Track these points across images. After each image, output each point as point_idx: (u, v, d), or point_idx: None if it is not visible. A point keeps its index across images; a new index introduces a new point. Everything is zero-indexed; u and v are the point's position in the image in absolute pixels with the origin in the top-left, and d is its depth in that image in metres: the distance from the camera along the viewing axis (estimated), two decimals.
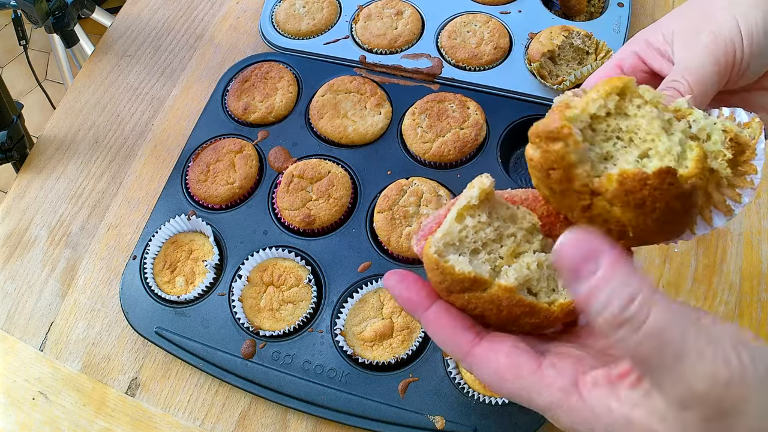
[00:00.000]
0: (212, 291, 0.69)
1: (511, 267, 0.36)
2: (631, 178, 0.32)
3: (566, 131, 0.32)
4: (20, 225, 0.80)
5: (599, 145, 0.34)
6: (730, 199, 0.38)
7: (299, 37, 0.88)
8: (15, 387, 0.69)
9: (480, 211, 0.36)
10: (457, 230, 0.36)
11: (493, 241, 0.36)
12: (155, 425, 0.65)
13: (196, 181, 0.76)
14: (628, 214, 0.33)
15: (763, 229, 0.71)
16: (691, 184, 0.33)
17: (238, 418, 0.65)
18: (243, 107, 0.81)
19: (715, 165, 0.37)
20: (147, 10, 0.97)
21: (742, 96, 0.47)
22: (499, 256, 0.36)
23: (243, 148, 0.77)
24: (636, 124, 0.34)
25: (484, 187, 0.36)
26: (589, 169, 0.33)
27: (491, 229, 0.36)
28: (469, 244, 0.36)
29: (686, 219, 0.36)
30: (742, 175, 0.38)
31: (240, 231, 0.72)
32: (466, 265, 0.34)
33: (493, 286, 0.34)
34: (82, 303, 0.73)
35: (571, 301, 0.35)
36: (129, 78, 0.91)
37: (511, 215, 0.37)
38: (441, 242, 0.35)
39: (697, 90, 0.41)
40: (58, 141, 0.86)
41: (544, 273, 0.36)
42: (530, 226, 0.37)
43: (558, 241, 0.30)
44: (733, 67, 0.42)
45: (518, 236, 0.37)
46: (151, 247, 0.72)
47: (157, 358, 0.69)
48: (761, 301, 0.67)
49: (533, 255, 0.37)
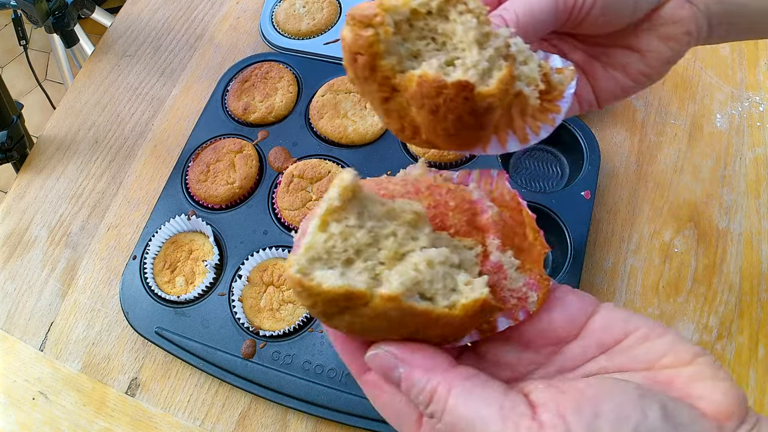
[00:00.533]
0: (212, 291, 0.69)
1: (393, 270, 0.30)
2: (429, 82, 0.31)
3: (379, 19, 0.31)
4: (20, 225, 0.80)
5: (412, 42, 0.33)
6: (529, 128, 0.37)
7: (299, 37, 0.88)
8: (15, 387, 0.69)
9: (347, 213, 0.31)
10: (321, 241, 0.30)
11: (368, 245, 0.31)
12: (155, 425, 0.65)
13: (196, 181, 0.76)
14: (422, 117, 0.33)
15: (763, 229, 0.71)
16: (487, 102, 0.32)
17: (238, 418, 0.65)
18: (243, 107, 0.81)
19: (527, 91, 0.36)
20: (147, 10, 0.97)
21: (604, 50, 0.44)
22: (379, 262, 0.31)
23: (243, 148, 0.77)
24: (452, 29, 0.33)
25: (345, 184, 0.30)
26: (394, 63, 0.32)
27: (364, 231, 0.31)
28: (340, 254, 0.30)
29: (480, 134, 0.35)
30: (545, 111, 0.37)
31: (240, 231, 0.72)
32: (334, 279, 0.29)
33: (374, 297, 0.29)
34: (82, 303, 0.73)
35: (476, 300, 0.30)
36: (129, 78, 0.91)
37: (388, 211, 0.32)
38: (304, 258, 0.30)
39: (524, 22, 0.39)
40: (58, 141, 0.86)
41: (438, 272, 0.31)
42: (413, 218, 0.32)
43: (365, 355, 0.31)
44: (574, 6, 0.39)
45: (399, 234, 0.31)
46: (151, 247, 0.72)
47: (157, 358, 0.69)
48: (761, 301, 0.67)
49: (421, 253, 0.31)
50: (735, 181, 0.74)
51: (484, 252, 0.33)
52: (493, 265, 0.33)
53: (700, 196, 0.73)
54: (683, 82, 0.81)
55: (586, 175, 0.70)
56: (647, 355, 0.31)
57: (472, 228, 0.34)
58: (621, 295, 0.68)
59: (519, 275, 0.33)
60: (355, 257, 0.30)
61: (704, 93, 0.81)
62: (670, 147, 0.77)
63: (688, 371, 0.30)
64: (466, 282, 0.31)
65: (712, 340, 0.65)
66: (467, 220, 0.34)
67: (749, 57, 0.83)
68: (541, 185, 0.74)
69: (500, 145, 0.36)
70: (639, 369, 0.31)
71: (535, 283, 0.33)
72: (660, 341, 0.31)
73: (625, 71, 0.44)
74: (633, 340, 0.32)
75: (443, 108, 0.32)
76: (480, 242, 0.34)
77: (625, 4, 0.40)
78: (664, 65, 0.44)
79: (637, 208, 0.73)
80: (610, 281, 0.69)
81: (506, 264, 0.33)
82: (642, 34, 0.42)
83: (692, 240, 0.71)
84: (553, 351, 0.33)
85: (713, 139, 0.77)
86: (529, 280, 0.33)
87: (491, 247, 0.33)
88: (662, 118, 0.79)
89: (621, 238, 0.71)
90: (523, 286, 0.33)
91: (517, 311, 0.33)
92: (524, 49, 0.36)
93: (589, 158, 0.71)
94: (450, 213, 0.34)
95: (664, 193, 0.74)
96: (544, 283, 0.33)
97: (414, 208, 0.32)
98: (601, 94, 0.46)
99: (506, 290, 0.33)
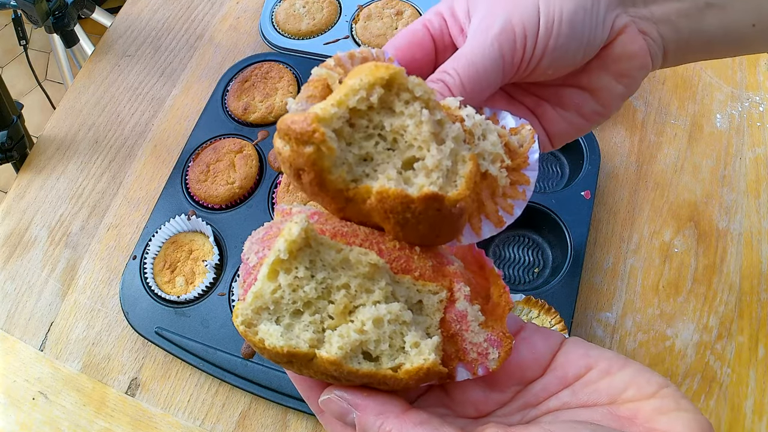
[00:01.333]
0: (212, 291, 0.69)
1: (336, 332, 0.29)
2: (392, 198, 0.28)
3: (318, 136, 0.27)
4: (20, 225, 0.80)
5: (358, 144, 0.30)
6: (502, 209, 0.34)
7: (299, 37, 0.88)
8: (15, 387, 0.69)
9: (297, 262, 0.29)
10: (269, 291, 0.29)
11: (319, 298, 0.30)
12: (155, 425, 0.65)
13: (196, 181, 0.76)
14: (388, 226, 0.30)
15: (763, 229, 0.71)
16: (459, 207, 0.29)
17: (238, 418, 0.65)
18: (243, 107, 0.81)
19: (493, 171, 0.33)
20: (147, 10, 0.97)
21: (554, 91, 0.41)
22: (329, 316, 0.30)
23: (243, 148, 0.77)
24: (402, 124, 0.29)
25: (292, 239, 0.29)
26: (344, 175, 0.29)
27: (313, 285, 0.29)
28: (288, 305, 0.29)
29: (452, 231, 0.32)
30: (515, 184, 0.34)
31: (240, 231, 0.72)
32: (276, 338, 0.28)
33: (317, 357, 0.28)
34: (82, 303, 0.73)
35: (420, 366, 0.29)
36: (129, 78, 0.90)
37: (343, 260, 0.30)
38: (250, 309, 0.29)
39: (471, 87, 0.35)
40: (58, 141, 0.86)
41: (385, 331, 0.29)
42: (368, 270, 0.30)
43: (319, 399, 0.31)
44: (522, 62, 0.36)
45: (353, 286, 0.30)
46: (151, 247, 0.72)
47: (157, 358, 0.69)
48: (761, 301, 0.67)
49: (372, 309, 0.29)
50: (735, 181, 0.74)
51: (450, 297, 0.32)
52: (458, 313, 0.32)
53: (700, 196, 0.73)
54: (683, 82, 0.81)
55: (586, 175, 0.70)
56: (609, 389, 0.31)
57: (438, 274, 0.32)
58: (621, 295, 0.68)
59: (481, 330, 0.32)
60: (304, 309, 0.29)
61: (704, 93, 0.81)
62: (670, 147, 0.77)
63: (650, 404, 0.30)
64: (414, 343, 0.29)
65: (712, 340, 0.65)
66: (433, 266, 0.32)
67: (749, 57, 0.83)
68: (541, 185, 0.74)
69: (474, 234, 0.34)
70: (602, 403, 0.31)
71: (497, 340, 0.32)
72: (621, 374, 0.31)
73: (577, 111, 0.41)
74: (595, 374, 0.32)
75: (412, 221, 0.29)
76: (446, 287, 0.32)
77: (575, 50, 0.37)
78: (618, 101, 0.41)
79: (637, 208, 0.73)
80: (610, 281, 0.69)
81: (471, 316, 0.32)
82: (593, 73, 0.40)
83: (692, 240, 0.71)
84: (519, 389, 0.33)
85: (713, 139, 0.77)
86: (491, 336, 0.32)
87: (459, 293, 0.32)
88: (662, 118, 0.79)
89: (621, 238, 0.71)
90: (484, 342, 0.31)
91: (476, 366, 0.32)
92: (480, 121, 0.32)
93: (589, 158, 0.71)
94: (415, 256, 0.32)
95: (664, 193, 0.74)
96: (506, 341, 0.32)
97: (370, 260, 0.30)
98: (555, 136, 0.43)
99: (467, 343, 0.31)
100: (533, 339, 0.34)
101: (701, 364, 0.64)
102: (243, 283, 0.32)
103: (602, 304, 0.68)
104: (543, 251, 0.70)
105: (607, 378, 0.31)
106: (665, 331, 0.66)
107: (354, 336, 0.29)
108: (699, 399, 0.62)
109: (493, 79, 0.36)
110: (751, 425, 0.61)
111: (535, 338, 0.34)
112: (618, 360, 0.32)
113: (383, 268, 0.30)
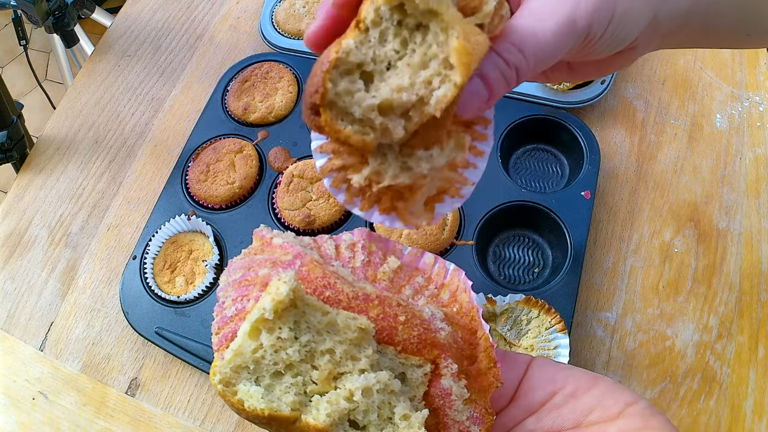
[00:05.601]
0: (212, 291, 0.69)
1: (324, 397, 0.28)
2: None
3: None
4: (20, 225, 0.80)
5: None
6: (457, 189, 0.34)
7: (299, 37, 0.88)
8: (15, 387, 0.69)
9: (282, 323, 0.28)
10: (249, 350, 0.28)
11: (301, 361, 0.29)
12: (155, 425, 0.65)
13: (196, 181, 0.76)
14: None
15: (763, 229, 0.71)
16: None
17: (238, 418, 0.65)
18: (243, 107, 0.81)
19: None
20: (147, 10, 0.97)
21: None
22: (312, 380, 0.29)
23: (243, 148, 0.77)
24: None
25: (279, 299, 0.28)
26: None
27: (297, 347, 0.28)
28: (268, 366, 0.28)
29: None
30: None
31: (240, 231, 0.72)
32: (257, 400, 0.27)
33: (301, 421, 0.27)
34: (82, 303, 0.73)
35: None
36: (129, 78, 0.90)
37: (329, 323, 0.29)
38: (229, 367, 0.28)
39: (535, 65, 0.32)
40: (58, 141, 0.86)
41: (374, 400, 0.28)
42: (356, 336, 0.29)
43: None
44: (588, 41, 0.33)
45: (338, 352, 0.29)
46: (151, 247, 0.72)
47: (157, 358, 0.69)
48: (761, 301, 0.67)
49: (359, 378, 0.28)
50: (735, 181, 0.74)
51: (435, 371, 0.31)
52: (442, 390, 0.31)
53: (700, 196, 0.73)
54: (683, 82, 0.81)
55: (586, 175, 0.70)
56: (573, 414, 0.31)
57: (423, 345, 0.31)
58: (621, 295, 0.68)
59: (465, 407, 0.31)
60: (285, 371, 0.28)
61: (704, 93, 0.80)
62: (670, 147, 0.77)
63: (616, 426, 0.29)
64: (404, 415, 0.29)
65: (712, 340, 0.65)
66: (418, 335, 0.31)
67: (749, 57, 0.83)
68: (541, 185, 0.74)
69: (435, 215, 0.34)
70: (567, 428, 0.31)
71: (479, 417, 0.31)
72: (587, 396, 0.31)
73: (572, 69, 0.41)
74: (560, 398, 0.31)
75: None
76: (430, 360, 0.31)
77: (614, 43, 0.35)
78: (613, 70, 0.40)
79: (637, 208, 0.73)
80: (610, 281, 0.69)
81: (455, 395, 0.31)
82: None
83: (692, 240, 0.71)
84: None
85: (713, 139, 0.77)
86: (473, 414, 0.31)
87: (446, 370, 0.31)
88: (662, 118, 0.79)
89: (621, 238, 0.71)
90: (466, 420, 0.31)
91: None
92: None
93: (589, 158, 0.71)
94: (400, 327, 0.31)
95: (664, 193, 0.74)
96: (488, 418, 0.31)
97: (359, 324, 0.29)
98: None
99: (449, 419, 0.31)
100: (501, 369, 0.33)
101: (701, 364, 0.64)
102: (218, 331, 0.31)
103: (602, 304, 0.68)
104: (543, 251, 0.70)
105: (572, 401, 0.31)
106: (665, 331, 0.66)
107: (343, 404, 0.28)
108: (699, 399, 0.62)
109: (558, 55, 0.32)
110: (751, 425, 0.61)
111: (503, 368, 0.33)
112: (586, 380, 0.31)
113: (371, 333, 0.30)
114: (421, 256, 0.36)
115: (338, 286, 0.31)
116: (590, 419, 0.30)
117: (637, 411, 0.29)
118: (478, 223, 0.68)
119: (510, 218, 0.70)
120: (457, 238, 0.68)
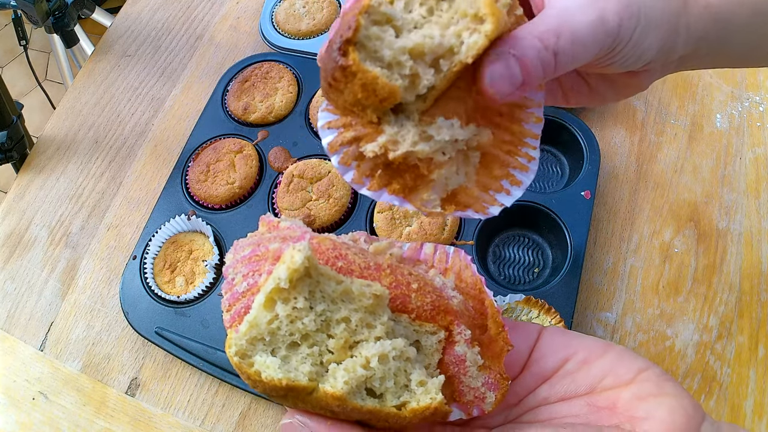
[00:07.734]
0: (212, 291, 0.69)
1: (341, 365, 0.28)
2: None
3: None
4: (20, 225, 0.80)
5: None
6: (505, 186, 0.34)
7: (299, 37, 0.88)
8: (15, 387, 0.69)
9: (297, 293, 0.28)
10: (265, 320, 0.28)
11: (317, 331, 0.29)
12: (155, 425, 0.65)
13: (196, 181, 0.76)
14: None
15: (763, 229, 0.71)
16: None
17: (238, 418, 0.65)
18: (243, 107, 0.81)
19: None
20: (147, 10, 0.97)
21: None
22: (328, 350, 0.29)
23: (243, 148, 0.77)
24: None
25: (295, 267, 0.27)
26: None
27: (312, 316, 0.28)
28: (284, 337, 0.28)
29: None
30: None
31: (240, 231, 0.72)
32: (274, 370, 0.27)
33: (318, 390, 0.27)
34: (82, 303, 0.73)
35: (427, 405, 0.28)
36: (129, 78, 0.91)
37: (345, 292, 0.29)
38: (245, 339, 0.28)
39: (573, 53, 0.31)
40: (58, 141, 0.86)
41: (390, 367, 0.28)
42: (371, 303, 0.29)
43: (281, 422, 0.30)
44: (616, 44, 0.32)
45: (353, 320, 0.29)
46: (151, 247, 0.72)
47: (157, 358, 0.69)
48: (761, 301, 0.67)
49: (375, 345, 0.28)
50: (735, 181, 0.74)
51: (448, 338, 0.31)
52: (456, 357, 0.31)
53: (700, 196, 0.73)
54: (683, 82, 0.81)
55: (586, 175, 0.70)
56: (587, 380, 0.31)
57: (436, 311, 0.31)
58: (621, 295, 0.68)
59: (479, 374, 0.31)
60: (301, 341, 0.28)
61: (704, 93, 0.81)
62: (670, 147, 0.77)
63: (629, 391, 0.29)
64: (420, 381, 0.29)
65: (712, 340, 0.65)
66: (431, 302, 0.31)
67: None
68: (541, 185, 0.74)
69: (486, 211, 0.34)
70: (581, 394, 0.31)
71: (494, 383, 0.31)
72: (599, 363, 0.31)
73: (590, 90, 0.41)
74: (572, 365, 0.31)
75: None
76: (444, 327, 0.31)
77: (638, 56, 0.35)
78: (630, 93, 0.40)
79: (637, 208, 0.73)
80: (610, 281, 0.69)
81: (470, 361, 0.31)
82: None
83: (692, 240, 0.71)
84: None
85: (713, 139, 0.77)
86: (488, 380, 0.31)
87: (459, 337, 0.31)
88: (662, 118, 0.79)
89: (621, 238, 0.71)
90: (482, 386, 0.31)
91: (471, 407, 0.31)
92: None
93: (589, 158, 0.71)
94: (413, 295, 0.31)
95: (664, 193, 0.74)
96: (503, 383, 0.31)
97: (374, 291, 0.29)
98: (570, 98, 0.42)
99: (464, 386, 0.31)
100: (511, 338, 0.33)
101: (701, 364, 0.64)
102: (229, 308, 0.31)
103: (602, 304, 0.68)
104: (543, 251, 0.70)
105: (585, 368, 0.31)
106: (665, 331, 0.66)
107: (360, 371, 0.28)
108: (699, 399, 0.62)
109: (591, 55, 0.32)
110: (751, 425, 0.61)
111: (513, 337, 0.33)
112: (597, 347, 0.31)
113: (386, 300, 0.30)
114: (420, 248, 0.36)
115: (350, 257, 0.31)
116: (603, 385, 0.30)
117: (649, 377, 0.29)
118: (478, 223, 0.68)
119: (510, 218, 0.70)
120: (457, 238, 0.68)
